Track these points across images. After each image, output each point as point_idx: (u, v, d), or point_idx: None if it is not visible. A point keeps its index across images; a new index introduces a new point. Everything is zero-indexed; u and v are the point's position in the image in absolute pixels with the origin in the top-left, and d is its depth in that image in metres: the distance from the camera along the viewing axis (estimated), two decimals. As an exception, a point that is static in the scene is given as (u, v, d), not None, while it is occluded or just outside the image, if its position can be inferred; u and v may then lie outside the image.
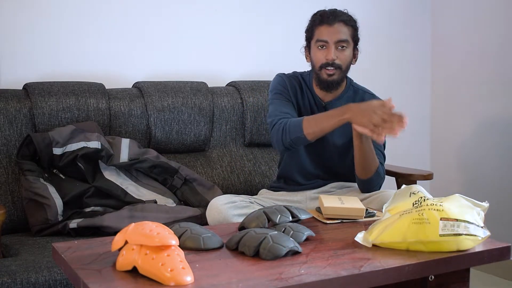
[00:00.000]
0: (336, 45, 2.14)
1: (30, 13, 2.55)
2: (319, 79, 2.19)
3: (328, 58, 2.14)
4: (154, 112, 2.56)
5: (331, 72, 2.15)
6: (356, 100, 2.23)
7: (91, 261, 1.40)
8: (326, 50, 2.15)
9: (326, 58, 2.14)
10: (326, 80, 2.17)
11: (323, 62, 2.15)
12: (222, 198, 2.08)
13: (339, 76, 2.17)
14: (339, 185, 2.30)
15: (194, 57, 2.88)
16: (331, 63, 2.14)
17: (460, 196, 1.57)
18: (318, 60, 2.17)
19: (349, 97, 2.25)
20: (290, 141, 2.08)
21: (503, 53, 3.04)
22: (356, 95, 2.26)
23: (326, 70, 2.15)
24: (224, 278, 1.31)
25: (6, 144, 2.33)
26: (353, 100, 2.23)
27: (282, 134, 2.09)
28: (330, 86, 2.18)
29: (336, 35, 2.13)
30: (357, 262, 1.41)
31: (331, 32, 2.14)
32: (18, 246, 2.05)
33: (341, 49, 2.15)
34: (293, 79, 2.27)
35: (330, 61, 2.14)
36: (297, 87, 2.26)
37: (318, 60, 2.17)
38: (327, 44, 2.14)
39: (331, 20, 2.14)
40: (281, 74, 2.29)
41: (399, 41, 3.38)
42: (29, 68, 2.55)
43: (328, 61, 2.14)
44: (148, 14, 2.78)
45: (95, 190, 2.33)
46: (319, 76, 2.18)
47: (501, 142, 3.07)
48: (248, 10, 2.99)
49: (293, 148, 2.15)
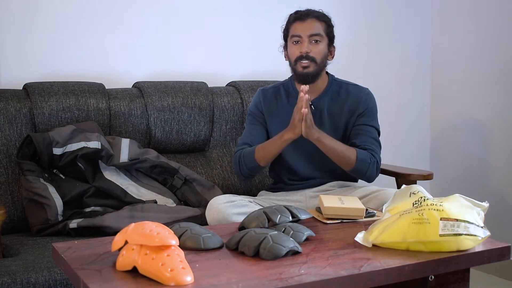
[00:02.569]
0: (309, 39, 2.22)
1: (30, 13, 2.55)
2: (295, 74, 2.27)
3: (302, 51, 2.21)
4: (154, 112, 2.56)
5: (305, 64, 2.21)
6: (341, 93, 2.29)
7: (91, 261, 1.40)
8: (300, 44, 2.23)
9: (300, 51, 2.22)
10: (301, 73, 2.23)
11: (297, 55, 2.23)
12: (221, 197, 2.09)
13: (314, 69, 2.23)
14: (338, 184, 2.30)
15: (194, 57, 2.88)
16: (305, 56, 2.21)
17: (460, 196, 1.57)
18: (293, 54, 2.25)
19: (334, 91, 2.31)
20: (247, 170, 2.24)
21: (503, 53, 3.04)
22: (340, 88, 2.32)
23: (301, 63, 2.22)
24: (224, 278, 1.31)
25: (6, 144, 2.33)
26: (338, 94, 2.30)
27: (239, 166, 2.25)
28: (306, 79, 2.23)
29: (308, 30, 2.22)
30: (357, 262, 1.41)
31: (304, 27, 2.23)
32: (18, 246, 2.05)
33: (314, 43, 2.23)
34: (270, 92, 2.36)
35: (304, 53, 2.21)
36: (277, 98, 2.34)
37: (293, 54, 2.25)
38: (301, 38, 2.23)
39: (304, 16, 2.24)
40: (260, 90, 2.40)
41: (399, 41, 3.38)
42: (29, 68, 2.55)
43: (302, 53, 2.21)
44: (148, 14, 2.78)
45: (95, 190, 2.33)
46: (295, 71, 2.26)
47: (501, 142, 3.07)
48: (248, 10, 2.99)
49: (251, 176, 2.32)
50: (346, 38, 3.20)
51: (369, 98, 2.29)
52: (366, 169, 2.17)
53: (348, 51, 3.19)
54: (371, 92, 2.32)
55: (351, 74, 2.53)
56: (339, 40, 2.33)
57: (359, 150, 2.17)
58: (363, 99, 2.28)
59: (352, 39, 3.20)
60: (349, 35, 3.18)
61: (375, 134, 2.26)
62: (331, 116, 2.27)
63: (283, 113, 2.30)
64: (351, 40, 3.19)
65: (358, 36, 3.25)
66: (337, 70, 2.41)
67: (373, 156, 2.18)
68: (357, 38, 3.24)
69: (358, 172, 2.18)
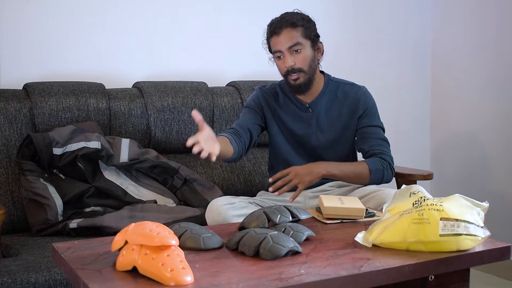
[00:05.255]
0: (289, 51, 2.17)
1: (30, 13, 2.55)
2: (289, 86, 2.25)
3: (286, 65, 2.18)
4: (154, 112, 2.56)
5: (294, 77, 2.19)
6: (338, 94, 2.29)
7: (91, 261, 1.40)
8: (283, 59, 2.19)
9: (285, 66, 2.19)
10: (294, 85, 2.22)
11: (284, 70, 2.21)
12: (221, 199, 2.08)
13: (305, 78, 2.21)
14: (338, 183, 2.30)
15: (194, 57, 2.88)
16: (291, 70, 2.18)
17: (460, 196, 1.57)
18: (281, 69, 2.23)
19: (331, 92, 2.30)
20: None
21: (504, 53, 3.04)
22: (337, 89, 2.31)
23: (290, 77, 2.20)
24: (224, 278, 1.31)
25: (6, 144, 2.33)
26: (335, 94, 2.29)
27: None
28: (300, 89, 2.22)
29: (286, 43, 2.17)
30: (357, 262, 1.41)
31: (280, 41, 2.18)
32: (18, 246, 2.05)
33: (296, 53, 2.18)
34: (270, 92, 2.34)
35: (289, 68, 2.18)
36: (275, 99, 2.32)
37: (281, 70, 2.23)
38: (282, 53, 2.19)
39: (278, 29, 2.18)
40: (259, 88, 2.37)
41: (399, 41, 3.38)
42: (29, 68, 2.55)
43: (287, 68, 2.19)
44: (148, 14, 2.78)
45: (95, 190, 2.33)
46: (288, 83, 2.24)
47: (501, 142, 3.07)
48: (248, 10, 2.99)
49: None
50: (346, 38, 3.20)
51: (367, 97, 2.29)
52: (382, 176, 2.17)
53: (348, 51, 3.20)
54: (368, 90, 2.32)
55: (351, 74, 2.53)
56: (339, 40, 2.33)
57: (369, 160, 2.17)
58: (361, 98, 2.27)
59: (352, 39, 3.20)
60: (348, 35, 3.18)
61: (380, 133, 2.25)
62: (329, 118, 2.27)
63: (282, 113, 2.30)
64: (351, 40, 3.19)
65: (358, 36, 3.25)
66: (337, 70, 2.41)
67: (384, 160, 2.18)
68: (356, 38, 3.24)
69: (376, 182, 2.18)
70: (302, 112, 2.28)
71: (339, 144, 2.27)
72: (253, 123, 2.28)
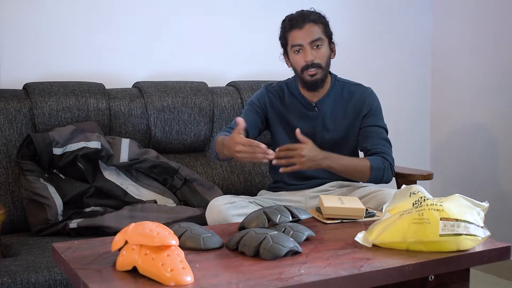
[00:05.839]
0: (311, 46, 2.18)
1: (30, 13, 2.55)
2: (303, 82, 2.23)
3: (306, 60, 2.18)
4: (154, 112, 2.56)
5: (313, 73, 2.19)
6: (344, 94, 2.29)
7: (91, 261, 1.40)
8: (303, 53, 2.19)
9: (305, 61, 2.18)
10: (310, 81, 2.21)
11: (303, 65, 2.20)
12: (221, 198, 2.08)
13: (322, 74, 2.21)
14: (338, 184, 2.30)
15: (194, 57, 2.88)
16: (310, 64, 2.18)
17: (460, 196, 1.57)
18: (298, 64, 2.21)
19: (337, 92, 2.30)
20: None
21: (503, 53, 3.04)
22: (343, 89, 2.31)
23: (308, 72, 2.19)
24: (224, 278, 1.31)
25: (6, 144, 2.33)
26: (341, 95, 2.30)
27: (212, 148, 2.26)
28: (315, 86, 2.22)
29: (308, 37, 2.17)
30: (357, 262, 1.41)
31: (303, 34, 2.17)
32: (18, 246, 2.05)
33: (316, 48, 2.19)
34: (276, 91, 2.34)
35: (309, 62, 2.18)
36: (280, 98, 2.32)
37: (298, 64, 2.21)
38: (302, 47, 2.18)
39: (300, 23, 2.18)
40: (265, 87, 2.37)
41: (399, 41, 3.38)
42: (29, 68, 2.55)
43: (307, 63, 2.18)
44: (148, 14, 2.78)
45: (95, 190, 2.33)
46: (302, 79, 2.23)
47: (501, 142, 3.07)
48: (248, 10, 2.99)
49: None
50: (346, 38, 3.20)
51: (373, 98, 2.29)
52: (382, 175, 2.17)
53: (348, 51, 3.19)
54: (374, 92, 2.32)
55: (351, 74, 2.53)
56: (339, 40, 2.33)
57: (371, 158, 2.17)
58: (367, 99, 2.28)
59: (352, 39, 3.20)
60: (349, 35, 3.18)
61: (383, 134, 2.25)
62: (334, 118, 2.27)
63: (286, 113, 2.30)
64: (351, 40, 3.19)
65: (358, 36, 3.25)
66: (337, 70, 2.41)
67: (386, 159, 2.18)
68: (357, 38, 3.24)
69: (375, 180, 2.18)
70: (308, 111, 2.28)
71: (343, 144, 2.26)
72: (252, 125, 2.27)
